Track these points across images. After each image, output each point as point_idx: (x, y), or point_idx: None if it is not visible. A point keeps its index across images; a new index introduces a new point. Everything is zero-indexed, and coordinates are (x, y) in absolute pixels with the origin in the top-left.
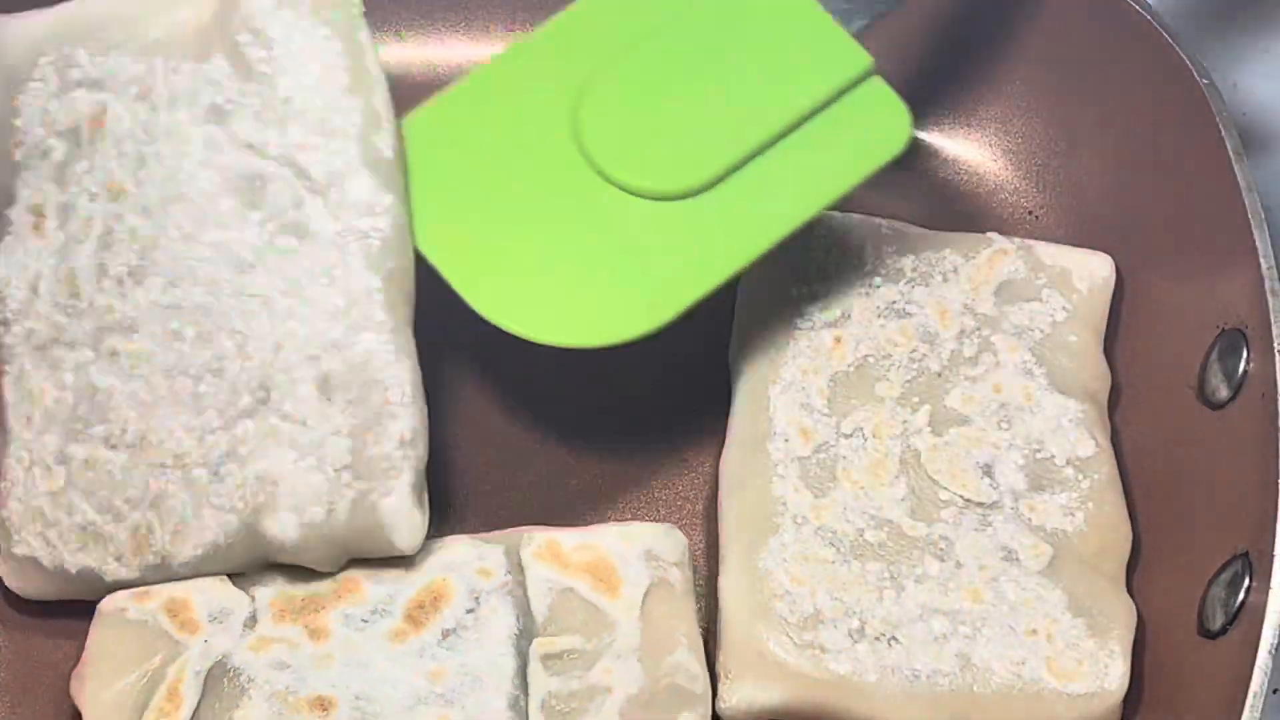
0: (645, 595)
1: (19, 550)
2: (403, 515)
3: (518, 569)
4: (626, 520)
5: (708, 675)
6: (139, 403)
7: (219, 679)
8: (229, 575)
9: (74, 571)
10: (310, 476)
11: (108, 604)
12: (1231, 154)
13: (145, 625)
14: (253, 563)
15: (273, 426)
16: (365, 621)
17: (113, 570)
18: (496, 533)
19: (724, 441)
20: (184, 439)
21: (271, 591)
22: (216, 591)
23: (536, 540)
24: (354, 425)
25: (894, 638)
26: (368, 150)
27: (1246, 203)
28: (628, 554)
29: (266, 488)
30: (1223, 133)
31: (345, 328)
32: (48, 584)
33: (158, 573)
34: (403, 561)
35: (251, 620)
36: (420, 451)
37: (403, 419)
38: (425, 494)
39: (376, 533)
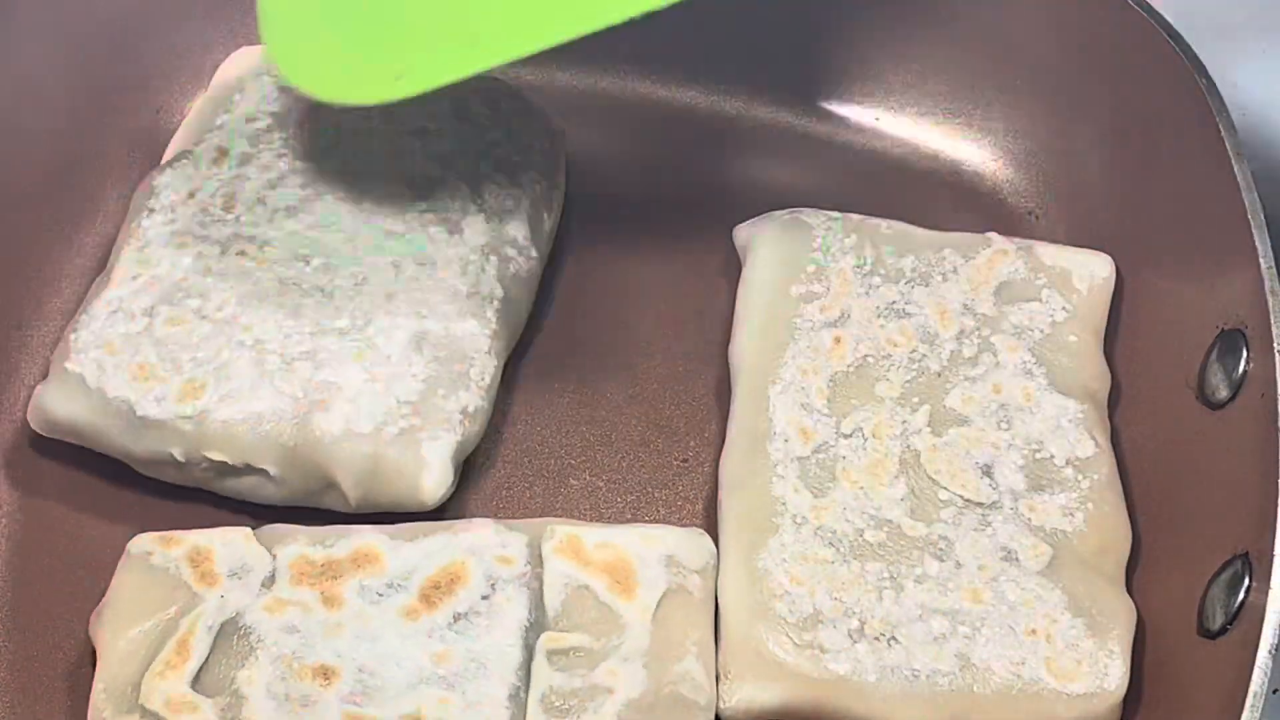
0: (660, 600)
1: (70, 365)
2: (438, 463)
3: (537, 560)
4: (631, 522)
5: (714, 686)
6: (243, 293)
7: (229, 636)
8: (252, 529)
9: (110, 397)
10: (374, 396)
11: (136, 545)
12: (1231, 154)
13: (166, 573)
14: (279, 454)
15: (358, 349)
16: (380, 595)
17: (147, 408)
18: (522, 520)
19: (724, 441)
20: (272, 330)
21: (293, 553)
22: (240, 546)
23: (559, 534)
24: (431, 376)
25: (893, 638)
26: (534, 216)
27: (1246, 203)
28: (648, 556)
29: (330, 391)
30: (1223, 133)
31: (458, 309)
32: (79, 407)
33: (189, 425)
34: (425, 538)
35: (270, 580)
36: (475, 430)
37: (473, 396)
38: (459, 469)
39: (408, 469)
